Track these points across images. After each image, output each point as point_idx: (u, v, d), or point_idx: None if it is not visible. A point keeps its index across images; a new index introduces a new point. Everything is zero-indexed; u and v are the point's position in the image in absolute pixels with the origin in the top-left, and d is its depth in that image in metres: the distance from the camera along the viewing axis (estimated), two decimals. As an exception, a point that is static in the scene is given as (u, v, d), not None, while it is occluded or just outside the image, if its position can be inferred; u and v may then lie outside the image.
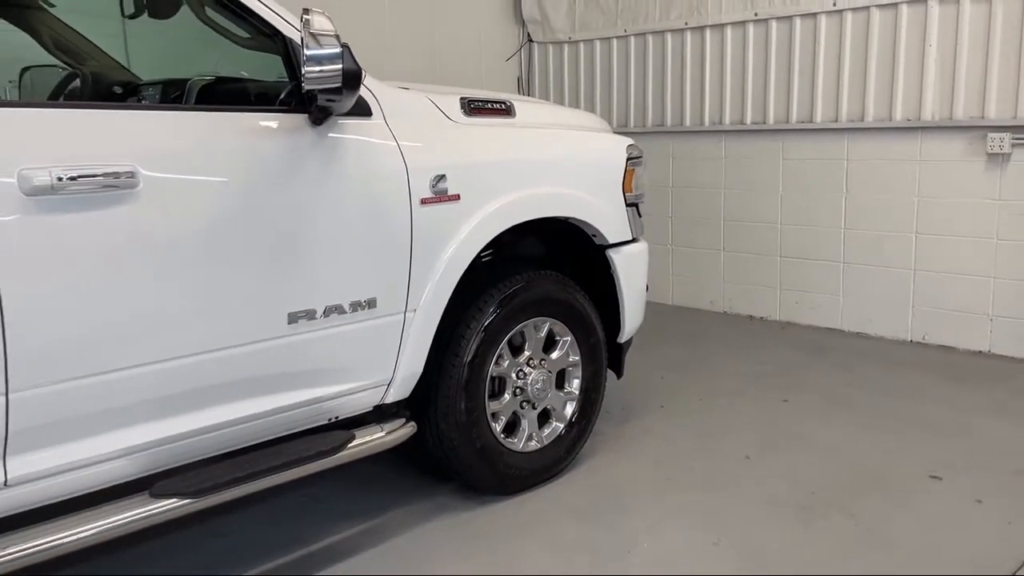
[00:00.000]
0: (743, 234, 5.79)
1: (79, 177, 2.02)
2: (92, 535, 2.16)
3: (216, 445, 2.44)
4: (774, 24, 5.39)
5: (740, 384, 4.46)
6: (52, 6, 3.46)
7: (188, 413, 2.33)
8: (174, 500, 2.29)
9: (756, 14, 5.45)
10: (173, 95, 3.07)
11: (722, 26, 5.66)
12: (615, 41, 6.31)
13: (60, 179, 1.98)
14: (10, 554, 2.03)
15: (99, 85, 3.30)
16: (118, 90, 3.26)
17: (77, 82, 3.32)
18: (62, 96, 3.27)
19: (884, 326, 5.20)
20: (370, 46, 5.50)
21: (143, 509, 2.26)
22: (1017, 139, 4.52)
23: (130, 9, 3.10)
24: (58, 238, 2.02)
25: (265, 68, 3.13)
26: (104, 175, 2.06)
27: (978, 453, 3.49)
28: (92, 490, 2.24)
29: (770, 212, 5.62)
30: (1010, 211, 4.62)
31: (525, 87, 6.89)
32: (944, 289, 4.92)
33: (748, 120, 5.64)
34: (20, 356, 1.98)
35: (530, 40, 6.85)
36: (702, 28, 5.77)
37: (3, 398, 1.98)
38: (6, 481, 2.04)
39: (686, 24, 5.83)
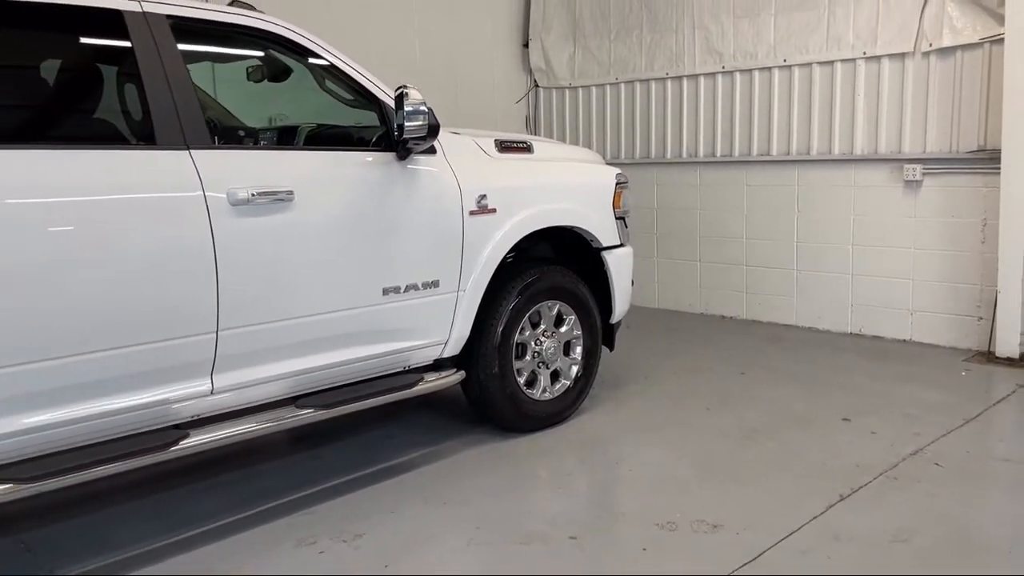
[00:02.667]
0: (715, 247, 6.95)
1: (262, 194, 3.16)
2: (262, 429, 3.29)
3: (334, 377, 3.56)
4: (738, 76, 6.60)
5: (708, 363, 5.59)
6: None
7: (319, 354, 3.46)
8: (311, 411, 3.42)
9: (723, 67, 6.65)
10: (286, 137, 4.22)
11: (696, 76, 6.87)
12: (608, 87, 7.52)
13: (252, 195, 3.13)
14: (218, 437, 3.15)
15: (223, 129, 4.44)
16: (242, 133, 4.40)
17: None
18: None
19: (830, 321, 6.34)
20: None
21: (291, 416, 3.38)
22: (927, 169, 5.68)
23: (255, 76, 4.25)
24: (248, 232, 3.16)
25: (322, 114, 4.32)
26: (276, 192, 3.20)
27: (882, 405, 4.60)
28: (258, 403, 3.36)
29: (737, 229, 6.78)
30: (923, 226, 5.77)
31: (532, 125, 8.09)
32: (875, 290, 6.07)
33: (718, 153, 6.82)
34: (226, 307, 3.11)
35: (536, 85, 8.07)
36: (680, 78, 6.98)
37: (215, 335, 3.11)
38: (213, 390, 3.16)
39: (667, 74, 7.04)
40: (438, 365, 4.00)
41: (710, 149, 6.89)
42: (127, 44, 2.99)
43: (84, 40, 3.13)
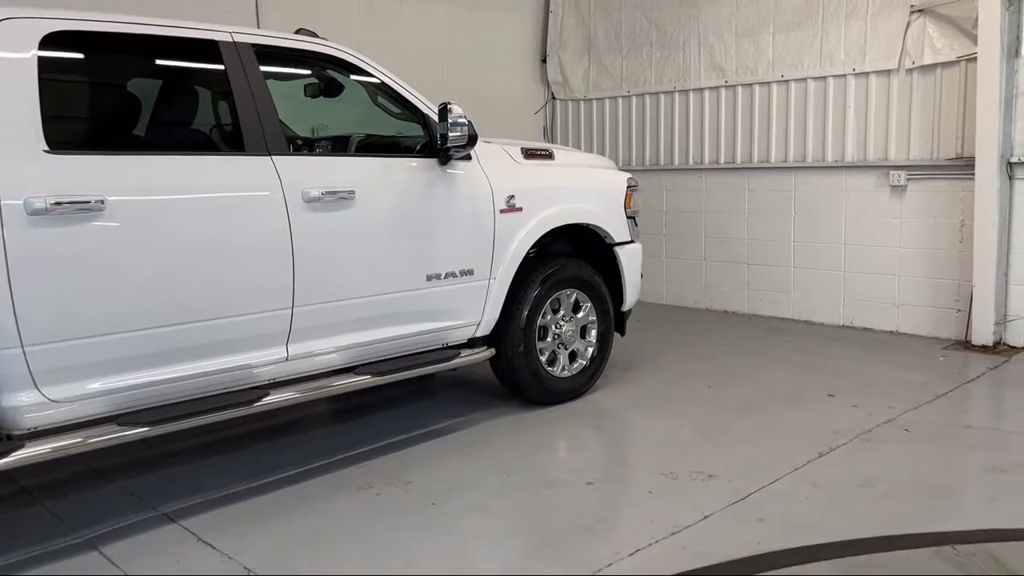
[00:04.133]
0: (719, 247, 7.54)
1: (329, 193, 3.77)
2: (326, 391, 3.91)
3: (385, 351, 4.15)
4: (740, 89, 7.19)
5: (711, 351, 6.17)
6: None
7: (373, 329, 4.05)
8: (367, 377, 4.02)
9: (726, 81, 7.25)
10: (339, 145, 4.84)
11: (701, 90, 7.47)
12: (620, 100, 8.14)
13: (322, 194, 3.74)
14: (291, 397, 3.76)
15: (290, 138, 5.03)
16: (299, 142, 5.01)
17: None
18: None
19: (823, 314, 6.91)
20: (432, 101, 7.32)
21: (348, 381, 3.98)
22: (910, 175, 6.25)
23: (311, 92, 4.86)
24: (318, 225, 3.76)
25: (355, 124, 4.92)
26: (340, 191, 3.81)
27: (864, 384, 5.16)
28: (322, 370, 3.95)
29: (738, 230, 7.36)
30: (907, 227, 6.34)
31: (550, 135, 8.70)
32: (865, 285, 6.63)
33: (721, 160, 7.42)
34: (300, 287, 3.71)
35: (553, 98, 8.70)
36: (687, 91, 7.58)
37: (290, 310, 3.71)
38: (287, 357, 3.77)
39: (675, 88, 7.65)
40: (471, 343, 4.58)
41: (714, 156, 7.48)
42: (221, 68, 3.61)
43: (188, 65, 3.76)
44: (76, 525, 3.50)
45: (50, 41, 3.15)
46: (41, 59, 3.11)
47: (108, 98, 3.72)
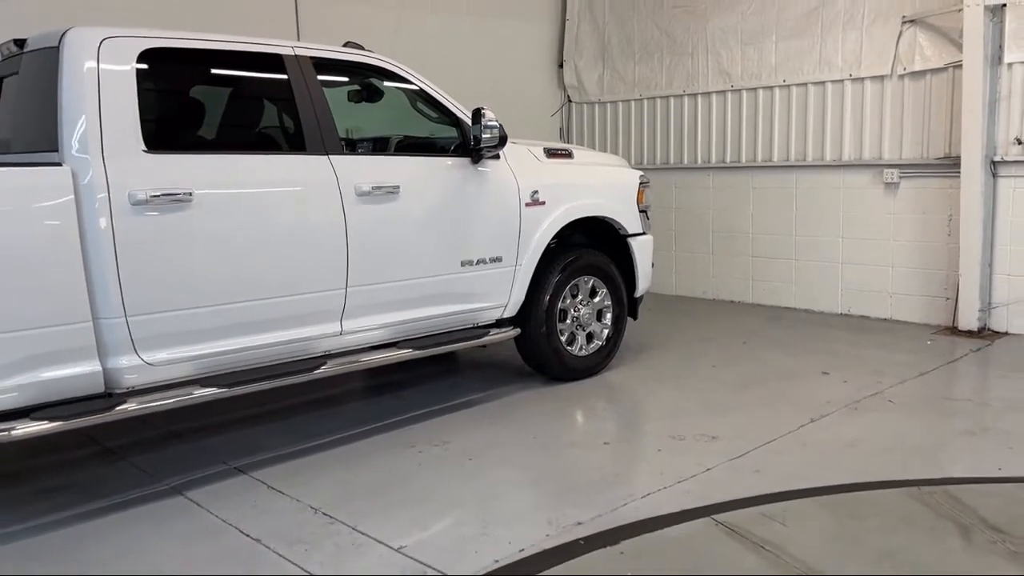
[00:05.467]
0: (725, 241, 8.03)
1: (377, 188, 4.29)
2: (373, 361, 4.43)
3: (424, 328, 4.67)
4: (745, 93, 7.69)
5: (717, 335, 6.67)
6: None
7: (414, 309, 4.57)
8: (409, 350, 4.54)
9: (732, 86, 7.74)
10: (379, 145, 5.36)
11: (709, 93, 7.97)
12: (633, 103, 8.65)
13: (372, 188, 4.27)
14: (345, 367, 4.28)
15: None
16: (343, 143, 5.52)
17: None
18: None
19: (823, 303, 7.39)
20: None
21: (393, 353, 4.50)
22: (903, 173, 6.73)
23: (355, 98, 5.37)
24: (368, 215, 4.28)
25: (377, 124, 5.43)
26: (387, 186, 4.34)
27: (856, 364, 5.65)
28: (369, 344, 4.47)
29: (743, 225, 7.85)
30: (900, 221, 6.82)
31: (566, 135, 9.21)
32: (861, 276, 7.11)
33: (727, 159, 7.92)
34: (353, 270, 4.23)
35: (569, 101, 9.22)
36: (695, 94, 8.08)
37: (344, 289, 4.24)
38: (342, 332, 4.29)
39: (684, 92, 8.15)
40: (499, 324, 5.09)
41: (721, 156, 7.98)
42: (285, 78, 4.14)
43: (258, 75, 4.30)
44: (159, 476, 4.03)
45: (145, 56, 3.68)
46: (138, 71, 3.65)
47: (191, 104, 4.25)
